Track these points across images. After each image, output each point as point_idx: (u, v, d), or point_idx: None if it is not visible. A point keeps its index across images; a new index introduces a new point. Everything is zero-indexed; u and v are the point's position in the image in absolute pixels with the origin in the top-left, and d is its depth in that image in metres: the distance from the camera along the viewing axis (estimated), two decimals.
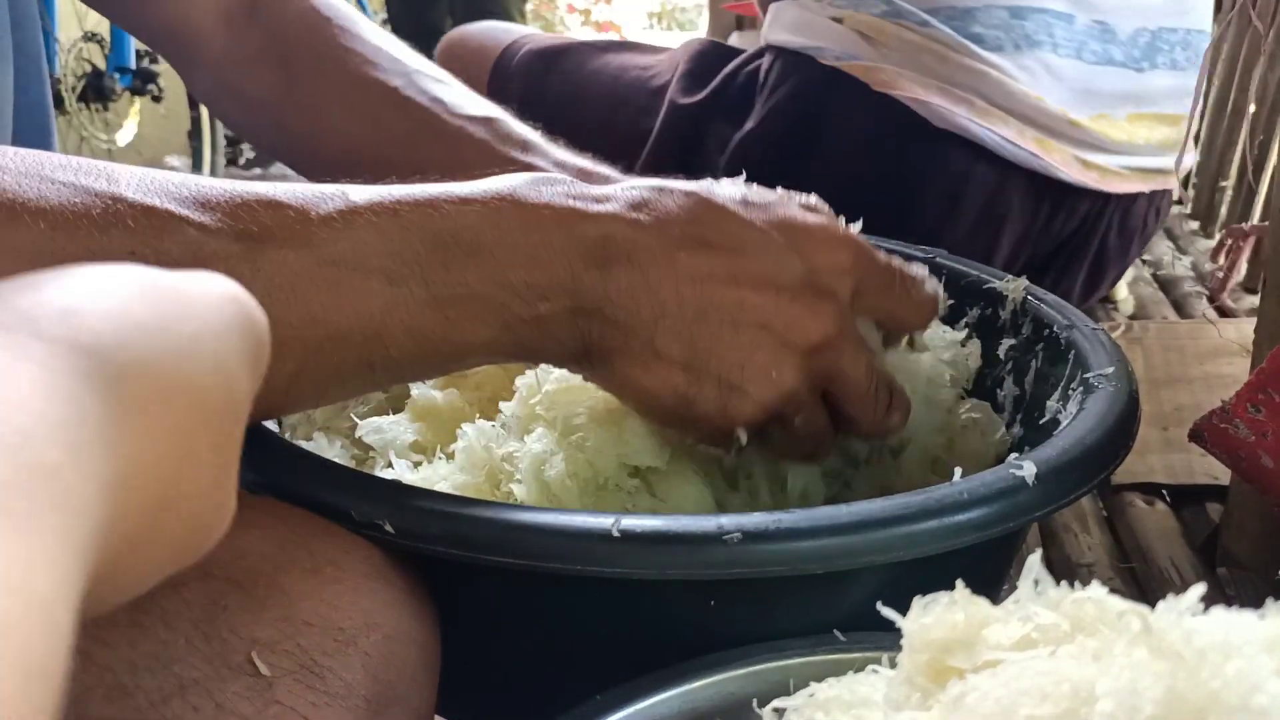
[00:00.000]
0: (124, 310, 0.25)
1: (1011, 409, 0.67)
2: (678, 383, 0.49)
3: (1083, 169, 1.18)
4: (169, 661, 0.38)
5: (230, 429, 0.29)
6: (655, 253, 0.49)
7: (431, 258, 0.45)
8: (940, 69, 1.14)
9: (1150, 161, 1.23)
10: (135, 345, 0.25)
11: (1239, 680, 0.26)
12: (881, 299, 0.55)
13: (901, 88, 1.14)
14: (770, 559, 0.45)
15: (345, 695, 0.41)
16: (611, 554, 0.45)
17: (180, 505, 0.27)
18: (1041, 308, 0.68)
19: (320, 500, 0.47)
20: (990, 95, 1.14)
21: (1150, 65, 1.20)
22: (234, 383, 0.29)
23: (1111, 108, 1.19)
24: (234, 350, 0.29)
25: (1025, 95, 1.14)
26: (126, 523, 0.24)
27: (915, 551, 0.46)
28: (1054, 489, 0.50)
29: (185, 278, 0.29)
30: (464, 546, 0.46)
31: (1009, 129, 1.14)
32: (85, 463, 0.21)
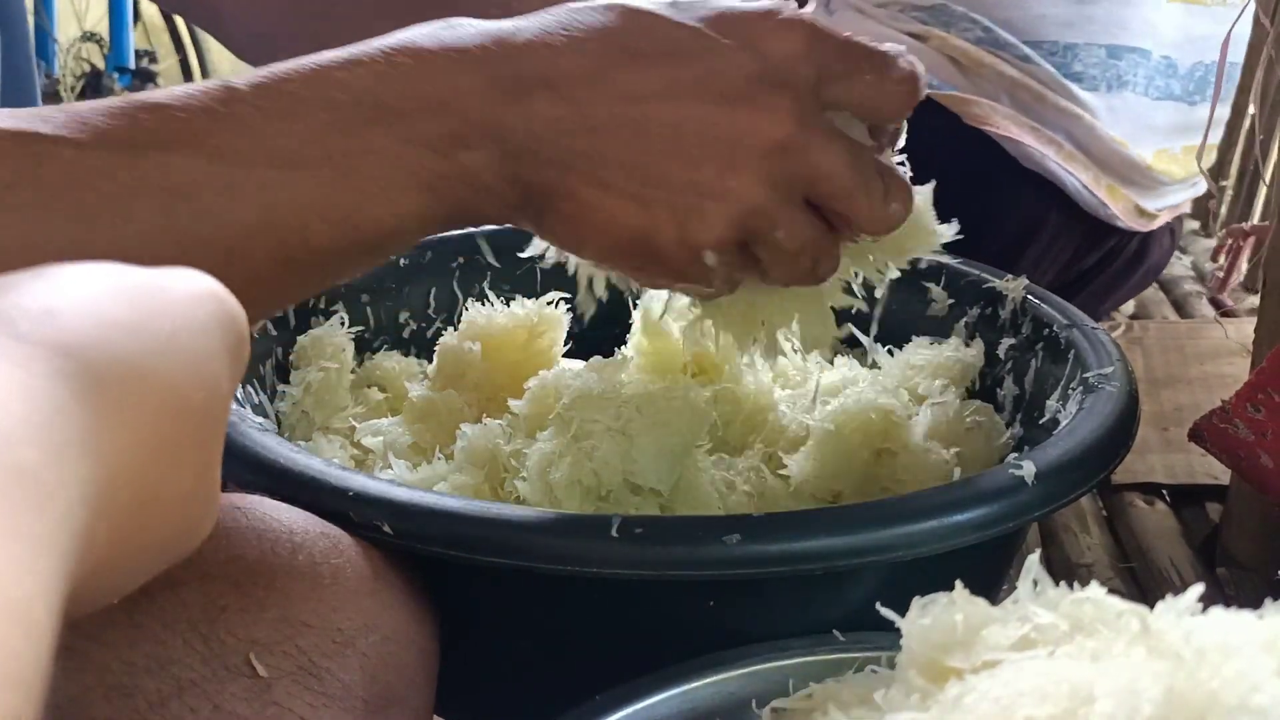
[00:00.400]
0: (102, 310, 0.25)
1: (1011, 408, 0.67)
2: (629, 215, 0.44)
3: (1137, 216, 1.17)
4: (167, 663, 0.38)
5: (212, 426, 0.29)
6: (578, 75, 0.44)
7: (329, 130, 0.41)
8: (1036, 108, 1.11)
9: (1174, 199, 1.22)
10: (114, 345, 0.25)
11: (1238, 680, 0.26)
12: (850, 85, 0.47)
13: (995, 124, 1.10)
14: (769, 559, 0.45)
15: (343, 697, 0.41)
16: (611, 554, 0.45)
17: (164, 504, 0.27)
18: (1041, 307, 0.68)
19: (319, 501, 0.47)
20: (1078, 138, 1.11)
21: (1202, 99, 1.18)
22: (214, 380, 0.29)
23: (1170, 141, 1.17)
24: (213, 347, 0.29)
25: (1111, 140, 1.12)
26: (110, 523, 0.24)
27: (914, 551, 0.46)
28: (1053, 489, 0.50)
29: (164, 275, 0.29)
30: (463, 547, 0.46)
31: (1088, 175, 1.12)
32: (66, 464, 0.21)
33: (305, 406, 0.65)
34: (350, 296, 0.73)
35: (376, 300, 0.75)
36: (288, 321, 0.68)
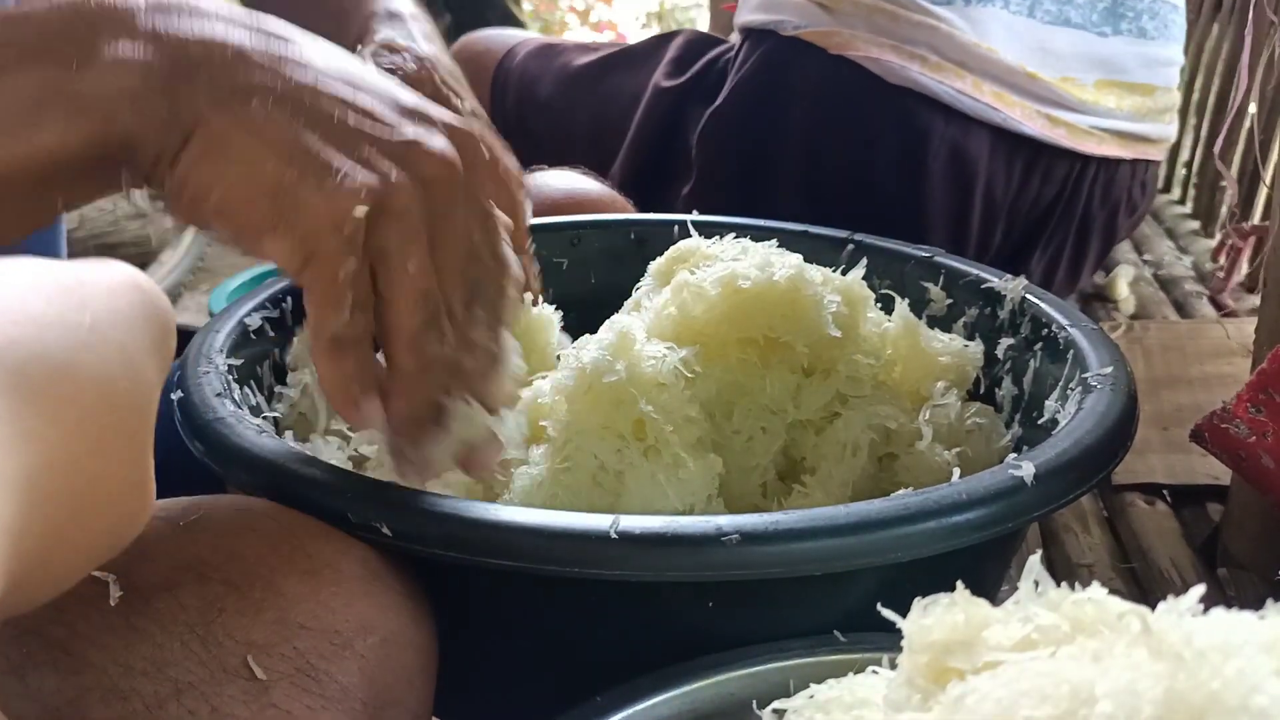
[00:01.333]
0: (18, 306, 0.25)
1: (1010, 409, 0.67)
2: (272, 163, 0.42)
3: (1049, 124, 1.20)
4: (164, 665, 0.38)
5: (140, 416, 0.29)
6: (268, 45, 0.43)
7: None
8: (892, 27, 1.18)
9: (1126, 126, 1.24)
10: (33, 341, 0.25)
11: (1239, 681, 0.26)
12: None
13: (856, 48, 1.18)
14: (768, 560, 0.45)
15: (342, 699, 0.41)
16: (609, 556, 0.45)
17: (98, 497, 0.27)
18: (1040, 307, 0.67)
19: (317, 502, 0.47)
20: (942, 49, 1.16)
21: (1113, 31, 1.23)
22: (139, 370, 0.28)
23: (1078, 71, 1.21)
24: (137, 337, 0.29)
25: (976, 46, 1.16)
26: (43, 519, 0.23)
27: (914, 553, 0.46)
28: (1052, 489, 0.49)
29: (81, 267, 0.28)
30: (461, 549, 0.46)
31: (964, 82, 1.17)
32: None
33: (302, 409, 0.65)
34: None
35: None
36: (284, 322, 0.68)
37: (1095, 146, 1.22)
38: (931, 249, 0.76)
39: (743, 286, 0.59)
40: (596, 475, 0.55)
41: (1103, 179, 1.26)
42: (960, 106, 1.17)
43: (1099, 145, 1.22)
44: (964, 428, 0.63)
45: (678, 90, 1.33)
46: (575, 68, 1.48)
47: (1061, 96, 1.19)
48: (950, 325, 0.72)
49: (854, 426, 0.61)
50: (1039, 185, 1.23)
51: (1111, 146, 1.24)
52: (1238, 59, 2.04)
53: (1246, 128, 1.98)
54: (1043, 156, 1.22)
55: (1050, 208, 1.26)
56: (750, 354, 0.60)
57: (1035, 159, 1.22)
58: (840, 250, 0.77)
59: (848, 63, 1.18)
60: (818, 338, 0.60)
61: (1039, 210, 1.26)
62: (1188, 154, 2.26)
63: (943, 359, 0.65)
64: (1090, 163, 1.24)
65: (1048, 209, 1.26)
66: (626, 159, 1.35)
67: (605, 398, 0.56)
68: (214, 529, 0.43)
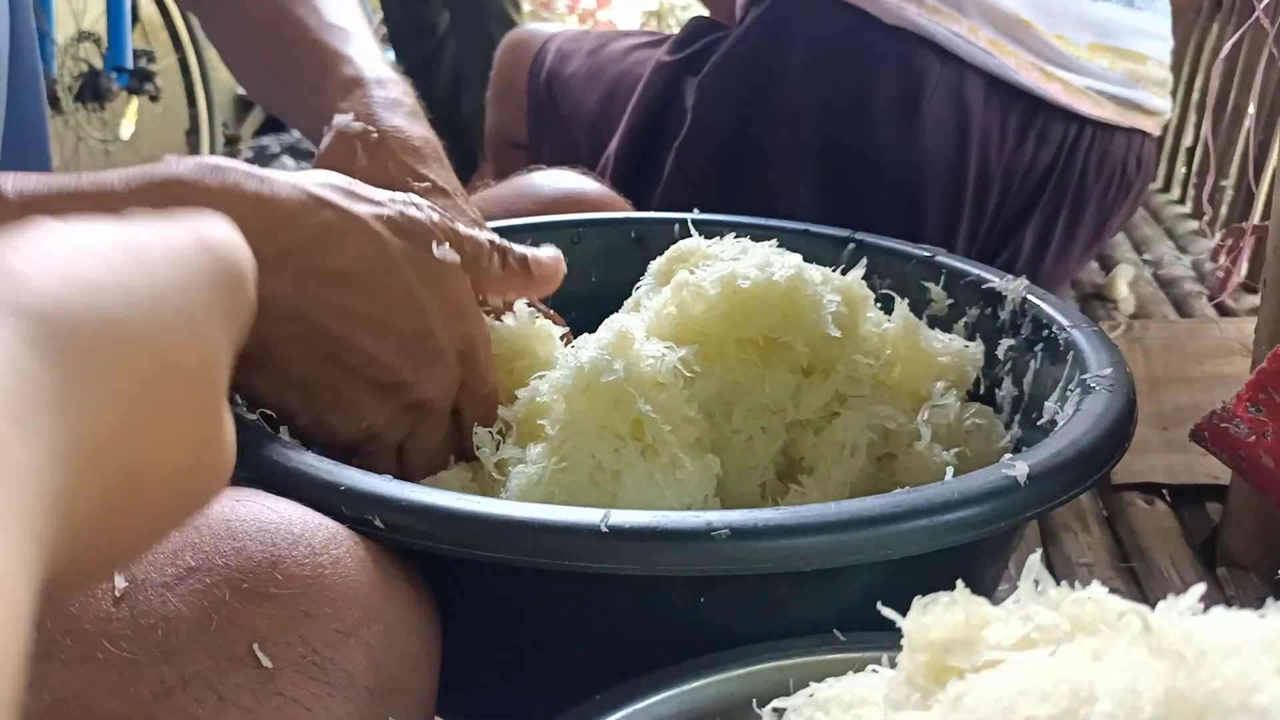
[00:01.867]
0: (74, 270, 0.24)
1: (1010, 409, 0.67)
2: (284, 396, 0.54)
3: (1043, 78, 1.21)
4: (170, 655, 0.38)
5: (209, 385, 0.28)
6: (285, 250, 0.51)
7: None
8: None
9: (1120, 91, 1.25)
10: (88, 306, 0.24)
11: (1239, 680, 0.26)
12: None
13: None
14: (758, 556, 0.45)
15: (347, 686, 0.41)
16: (600, 549, 0.45)
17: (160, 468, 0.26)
18: (1041, 308, 0.67)
19: (312, 496, 0.47)
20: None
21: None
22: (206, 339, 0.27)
23: (1070, 30, 1.23)
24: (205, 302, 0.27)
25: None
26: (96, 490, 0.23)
27: (906, 550, 0.46)
28: (1046, 489, 0.49)
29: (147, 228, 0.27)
30: (453, 542, 0.46)
31: (960, 26, 1.18)
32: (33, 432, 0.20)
33: None
34: None
35: None
36: None
37: (1090, 107, 1.23)
38: (932, 249, 0.76)
39: (742, 286, 0.59)
40: (594, 475, 0.55)
41: (1098, 147, 1.26)
42: (956, 49, 1.18)
43: (1094, 107, 1.23)
44: (963, 428, 0.63)
45: (677, 63, 1.35)
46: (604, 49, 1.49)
47: (1056, 51, 1.21)
48: (951, 325, 0.72)
49: (853, 426, 0.61)
50: (1034, 147, 1.24)
51: (1106, 109, 1.24)
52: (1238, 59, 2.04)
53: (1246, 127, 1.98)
54: (1039, 113, 1.22)
55: (1046, 174, 1.27)
56: (750, 354, 0.60)
57: (1032, 116, 1.23)
58: (841, 249, 0.77)
59: (845, 5, 1.20)
60: (818, 338, 0.60)
61: (1035, 176, 1.27)
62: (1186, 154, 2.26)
63: (943, 359, 0.65)
64: (1086, 128, 1.25)
65: (1043, 175, 1.27)
66: (625, 127, 1.35)
67: (603, 397, 0.56)
68: (216, 520, 0.43)
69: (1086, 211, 1.32)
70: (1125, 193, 1.34)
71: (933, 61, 1.18)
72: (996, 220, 1.28)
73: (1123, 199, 1.35)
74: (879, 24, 1.19)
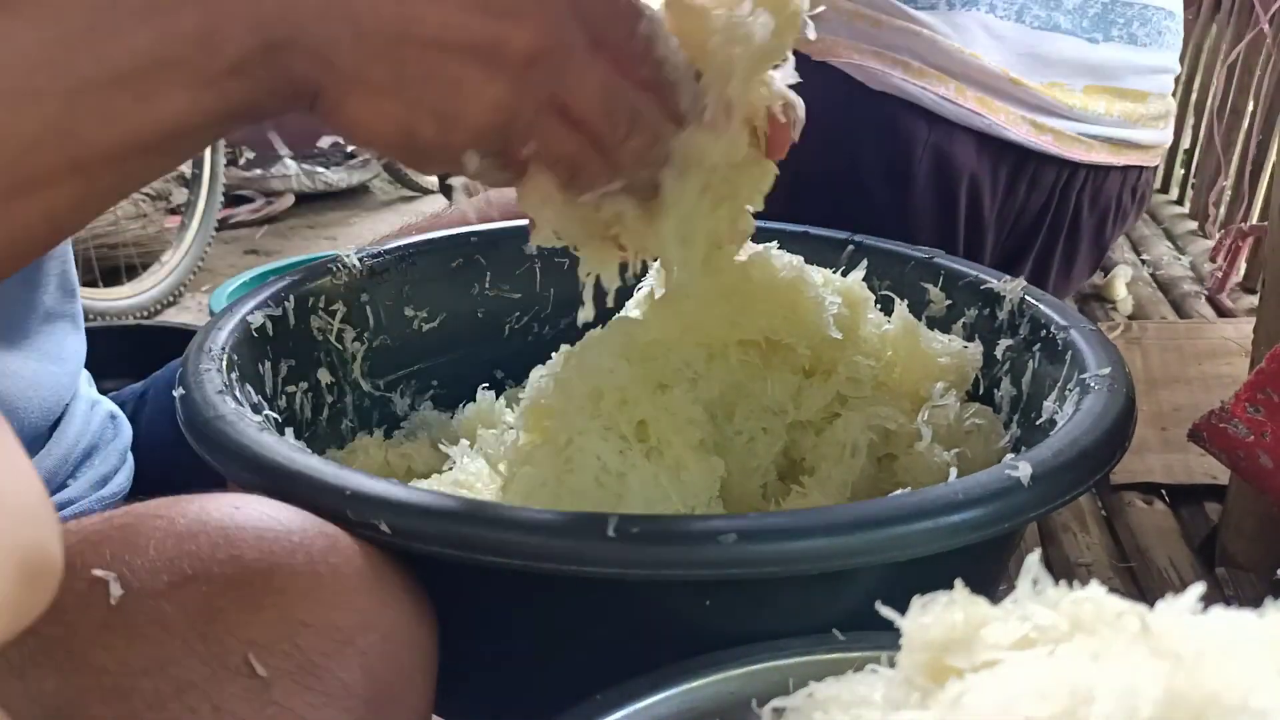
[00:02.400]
0: None
1: (1009, 409, 0.67)
2: (392, 113, 0.46)
3: (1034, 130, 1.19)
4: (166, 663, 0.38)
5: None
6: None
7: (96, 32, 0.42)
8: (874, 33, 1.17)
9: (1115, 132, 1.24)
10: None
11: (1238, 680, 0.26)
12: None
13: (838, 54, 1.17)
14: (765, 559, 0.45)
15: (343, 695, 0.41)
16: (607, 554, 0.45)
17: None
18: (1039, 308, 0.67)
19: (316, 500, 0.47)
20: (924, 55, 1.16)
21: (1104, 38, 1.22)
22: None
23: (1066, 77, 1.21)
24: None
25: (959, 52, 1.16)
26: None
27: (910, 552, 0.46)
28: (1049, 490, 0.49)
29: None
30: (460, 546, 0.46)
31: (946, 88, 1.16)
32: None
33: None
34: (349, 296, 0.73)
35: (376, 299, 0.75)
36: (286, 321, 0.68)
37: (1084, 153, 1.22)
38: (931, 250, 0.76)
39: (745, 289, 0.59)
40: (599, 476, 0.55)
41: (1091, 186, 1.25)
42: (943, 112, 1.16)
43: (1087, 152, 1.22)
44: (963, 428, 0.63)
45: None
46: None
47: (1047, 102, 1.19)
48: (949, 326, 0.72)
49: (853, 427, 0.61)
50: (1026, 193, 1.23)
51: (1101, 153, 1.23)
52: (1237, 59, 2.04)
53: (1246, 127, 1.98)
54: (1029, 163, 1.21)
55: (1039, 216, 1.26)
56: (751, 355, 0.61)
57: (1022, 166, 1.21)
58: (840, 251, 0.77)
59: (830, 69, 1.18)
60: (819, 339, 0.60)
61: (1028, 219, 1.26)
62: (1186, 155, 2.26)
63: (942, 360, 0.65)
64: (1079, 170, 1.23)
65: (1036, 217, 1.26)
66: None
67: (608, 399, 0.56)
68: (213, 527, 0.43)
69: (1081, 244, 1.31)
70: (1121, 222, 1.33)
71: (920, 125, 1.17)
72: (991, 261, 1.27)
73: (1118, 228, 1.34)
74: (864, 89, 1.17)
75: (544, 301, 0.81)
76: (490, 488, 0.63)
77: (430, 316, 0.77)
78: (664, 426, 0.56)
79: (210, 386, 0.56)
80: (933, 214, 1.19)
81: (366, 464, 0.70)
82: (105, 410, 0.69)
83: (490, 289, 0.79)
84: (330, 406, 0.72)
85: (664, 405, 0.56)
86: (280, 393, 0.67)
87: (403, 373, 0.77)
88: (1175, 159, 2.28)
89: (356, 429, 0.74)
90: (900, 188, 1.18)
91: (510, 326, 0.81)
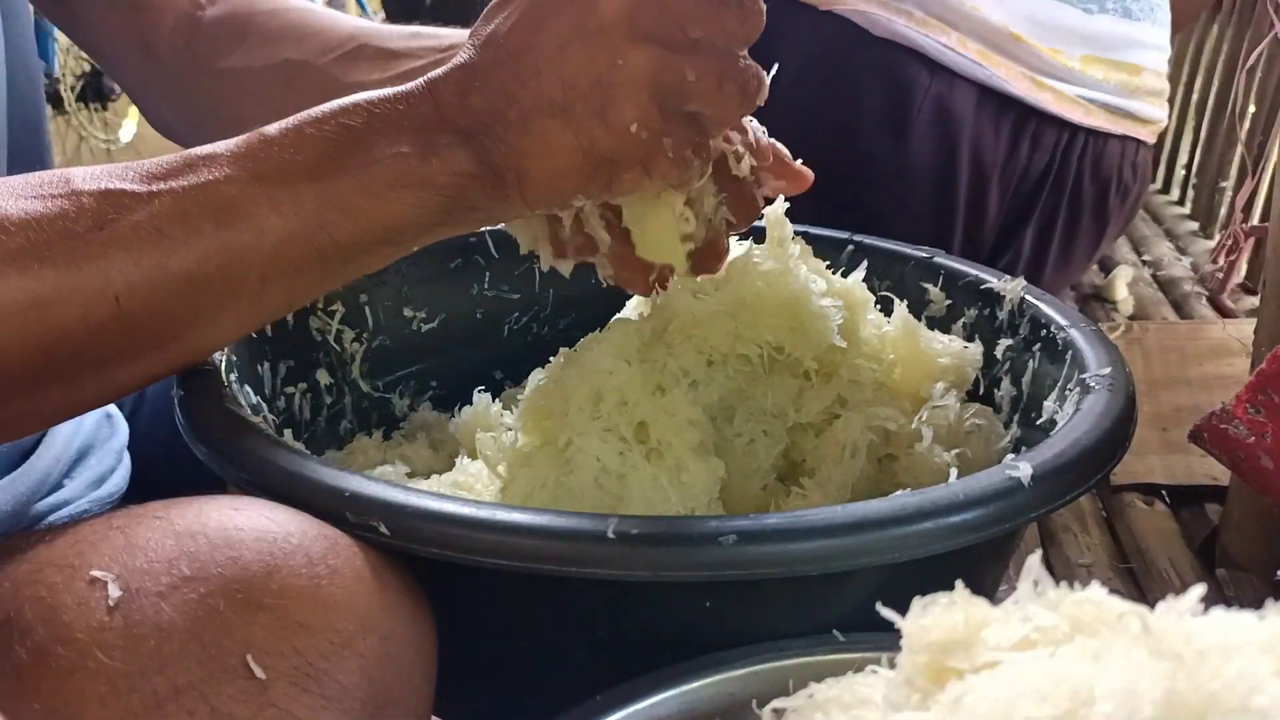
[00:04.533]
0: None
1: (1009, 409, 0.67)
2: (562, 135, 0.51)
3: (1034, 87, 1.21)
4: (164, 665, 0.38)
5: None
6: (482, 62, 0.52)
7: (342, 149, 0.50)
8: None
9: (1112, 100, 1.25)
10: None
11: (1239, 681, 0.26)
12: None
13: (843, 2, 1.19)
14: (764, 560, 0.45)
15: (341, 698, 0.41)
16: (607, 556, 0.45)
17: None
18: (1039, 308, 0.67)
19: (315, 502, 0.47)
20: (928, 5, 1.18)
21: (1099, 9, 1.24)
22: None
23: (1064, 44, 1.22)
24: None
25: (961, 4, 1.18)
26: None
27: (910, 553, 0.46)
28: (1050, 490, 0.49)
29: None
30: (459, 549, 0.46)
31: (949, 38, 1.18)
32: None
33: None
34: (349, 297, 0.73)
35: (375, 300, 0.75)
36: (285, 321, 0.68)
37: (1082, 116, 1.23)
38: (931, 250, 0.76)
39: (748, 299, 0.59)
40: (599, 478, 0.55)
41: (1092, 152, 1.26)
42: (945, 60, 1.18)
43: (1086, 115, 1.23)
44: (963, 429, 0.63)
45: None
46: None
47: (1047, 62, 1.21)
48: (949, 326, 0.72)
49: (853, 428, 0.61)
50: (1028, 152, 1.24)
51: (1099, 118, 1.24)
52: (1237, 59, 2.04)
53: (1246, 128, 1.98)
54: (1030, 121, 1.22)
55: (1041, 179, 1.27)
56: (755, 364, 0.61)
57: (1023, 123, 1.22)
58: (840, 251, 0.77)
59: (835, 17, 1.20)
60: (823, 348, 0.60)
61: (1030, 180, 1.26)
62: (1186, 156, 2.26)
63: (942, 360, 0.65)
64: (1079, 134, 1.24)
65: (1039, 180, 1.27)
66: None
67: (608, 400, 0.56)
68: (212, 529, 0.43)
69: (1084, 216, 1.32)
70: (1122, 198, 1.34)
71: (921, 72, 1.18)
72: (994, 225, 1.28)
73: (1120, 204, 1.34)
74: (867, 36, 1.18)
75: (543, 302, 0.81)
76: (490, 488, 0.63)
77: (429, 317, 0.78)
78: (664, 428, 0.56)
79: (209, 388, 0.56)
80: (931, 163, 1.20)
81: (365, 465, 0.70)
82: (101, 409, 0.69)
83: (489, 289, 0.79)
84: (329, 407, 0.72)
85: (664, 407, 0.56)
86: (279, 394, 0.67)
87: (401, 373, 0.77)
88: (1176, 160, 2.28)
89: (355, 430, 0.74)
90: (899, 134, 1.19)
91: (509, 327, 0.81)
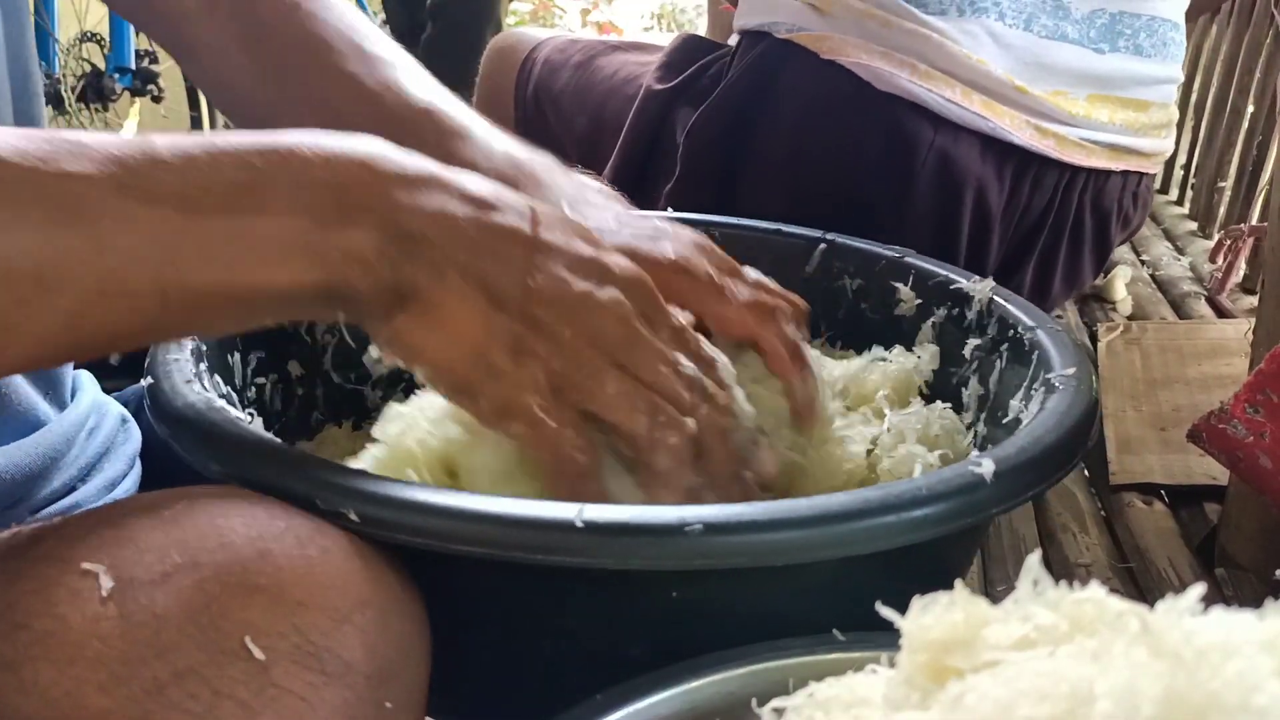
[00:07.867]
0: None
1: (975, 408, 0.68)
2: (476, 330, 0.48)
3: (1037, 135, 1.20)
4: (163, 651, 0.38)
5: None
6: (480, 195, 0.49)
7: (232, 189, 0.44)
8: (883, 34, 1.18)
9: (1116, 139, 1.24)
10: None
11: (1238, 680, 0.26)
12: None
13: (846, 54, 1.18)
14: (731, 551, 0.45)
15: (344, 674, 0.41)
16: (575, 544, 0.45)
17: None
18: (1007, 308, 0.68)
19: (287, 489, 0.47)
20: (932, 59, 1.17)
21: (1110, 48, 1.22)
22: None
23: (1070, 86, 1.21)
24: None
25: (966, 58, 1.16)
26: None
27: (874, 545, 0.47)
28: (1012, 486, 0.50)
29: None
30: (426, 535, 0.46)
31: (953, 91, 1.17)
32: None
33: None
34: None
35: None
36: None
37: (1084, 158, 1.22)
38: (902, 249, 0.77)
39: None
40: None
41: (1092, 189, 1.26)
42: (949, 115, 1.17)
43: (1087, 157, 1.22)
44: (931, 433, 0.64)
45: (668, 93, 1.33)
46: (591, 63, 1.48)
47: (1050, 109, 1.20)
48: (919, 325, 0.73)
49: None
50: (1029, 194, 1.23)
51: (1100, 159, 1.24)
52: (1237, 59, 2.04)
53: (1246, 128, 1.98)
54: (1031, 165, 1.21)
55: (1041, 218, 1.26)
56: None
57: (1024, 168, 1.22)
58: (813, 249, 0.78)
59: (838, 68, 1.18)
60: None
61: (1030, 220, 1.26)
62: (1185, 156, 2.27)
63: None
64: (1080, 173, 1.24)
65: (1039, 219, 1.26)
66: (617, 160, 1.35)
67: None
68: (201, 516, 0.43)
69: (1084, 248, 1.32)
70: (1123, 226, 1.34)
71: (925, 127, 1.17)
72: (995, 262, 1.28)
73: (1121, 231, 1.34)
74: (871, 89, 1.17)
75: None
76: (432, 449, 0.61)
77: None
78: None
79: (178, 376, 0.56)
80: (933, 214, 1.19)
81: (335, 454, 0.70)
82: (116, 413, 0.69)
83: None
84: (300, 399, 0.72)
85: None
86: (250, 384, 0.67)
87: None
88: (1175, 160, 2.28)
89: (326, 421, 0.74)
90: (900, 187, 1.18)
91: None
